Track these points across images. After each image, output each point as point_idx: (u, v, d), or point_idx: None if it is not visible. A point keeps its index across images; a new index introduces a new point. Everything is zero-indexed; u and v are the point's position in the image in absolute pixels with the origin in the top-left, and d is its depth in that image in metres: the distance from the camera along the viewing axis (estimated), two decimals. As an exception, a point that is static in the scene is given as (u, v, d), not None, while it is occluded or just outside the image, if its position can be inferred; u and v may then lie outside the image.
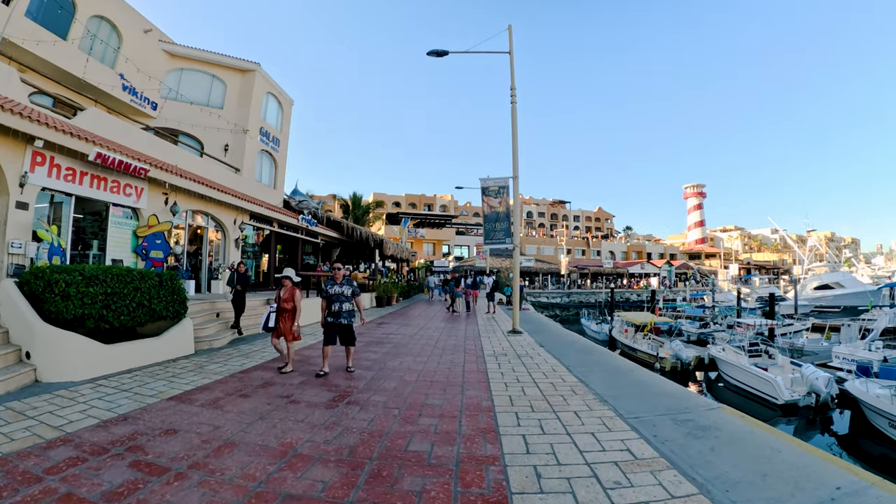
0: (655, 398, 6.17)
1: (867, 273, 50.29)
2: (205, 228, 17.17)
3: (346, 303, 7.70)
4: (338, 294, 7.68)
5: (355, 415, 5.40)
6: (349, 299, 7.74)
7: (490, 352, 9.98)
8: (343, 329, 7.71)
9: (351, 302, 7.77)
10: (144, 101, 19.95)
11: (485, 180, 13.59)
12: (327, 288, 7.76)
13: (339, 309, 7.66)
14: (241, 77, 25.20)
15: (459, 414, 5.46)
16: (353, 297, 7.79)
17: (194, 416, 5.35)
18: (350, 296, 7.75)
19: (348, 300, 7.72)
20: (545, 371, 7.88)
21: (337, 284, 7.73)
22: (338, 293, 7.68)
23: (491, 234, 13.68)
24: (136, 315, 8.40)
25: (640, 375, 7.69)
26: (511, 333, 12.90)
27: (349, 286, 7.76)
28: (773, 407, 14.96)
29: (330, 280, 7.88)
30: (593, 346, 11.52)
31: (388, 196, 76.68)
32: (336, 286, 7.72)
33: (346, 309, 7.70)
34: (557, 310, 47.93)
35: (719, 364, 19.18)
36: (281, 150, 28.75)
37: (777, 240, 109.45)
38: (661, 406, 5.79)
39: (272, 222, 20.73)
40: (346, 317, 7.70)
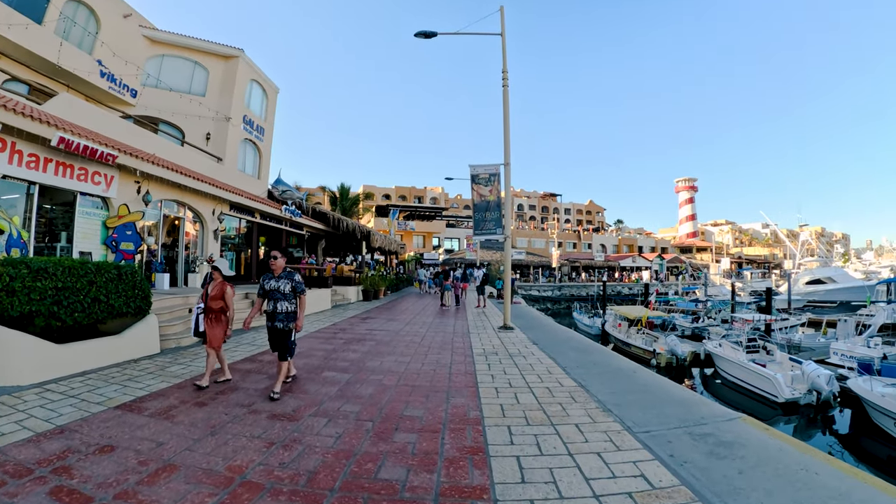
0: (665, 406, 5.47)
1: (859, 268, 50.04)
2: (181, 219, 16.32)
3: (285, 302, 6.19)
4: (273, 290, 6.22)
5: (321, 429, 4.64)
6: (289, 298, 6.22)
7: (479, 350, 9.22)
8: (276, 335, 6.19)
9: (292, 301, 6.24)
10: (123, 88, 19.12)
11: (475, 167, 12.78)
12: (263, 282, 6.33)
13: (274, 309, 6.21)
14: (224, 63, 24.46)
15: (443, 428, 4.70)
16: (294, 296, 6.28)
17: (139, 428, 4.61)
18: (290, 293, 6.22)
19: (287, 299, 6.21)
20: (540, 373, 7.15)
21: (274, 278, 6.29)
22: (273, 289, 6.23)
23: (481, 225, 12.87)
24: (92, 312, 7.59)
25: (645, 378, 6.98)
26: (502, 329, 12.19)
27: (289, 281, 6.23)
28: (773, 405, 14.45)
29: (268, 274, 6.38)
30: (590, 343, 10.78)
31: (377, 188, 75.87)
32: (273, 280, 6.28)
33: (283, 309, 6.19)
34: (549, 303, 47.31)
35: (716, 360, 18.65)
36: (265, 140, 27.96)
37: (768, 234, 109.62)
38: (673, 416, 5.09)
39: (254, 213, 19.89)
40: (284, 319, 6.18)
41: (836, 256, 59.12)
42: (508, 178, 12.30)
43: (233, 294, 6.70)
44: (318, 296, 16.70)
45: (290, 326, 6.15)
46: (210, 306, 6.54)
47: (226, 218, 18.59)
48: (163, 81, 21.47)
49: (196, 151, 20.88)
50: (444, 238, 62.11)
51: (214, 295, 6.56)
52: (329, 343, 9.88)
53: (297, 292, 6.26)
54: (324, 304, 17.16)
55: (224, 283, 6.64)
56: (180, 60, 22.91)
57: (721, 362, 18.07)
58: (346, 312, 16.30)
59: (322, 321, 13.67)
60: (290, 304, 6.20)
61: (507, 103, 12.71)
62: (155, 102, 20.70)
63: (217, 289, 6.59)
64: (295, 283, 6.22)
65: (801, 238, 58.59)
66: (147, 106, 20.32)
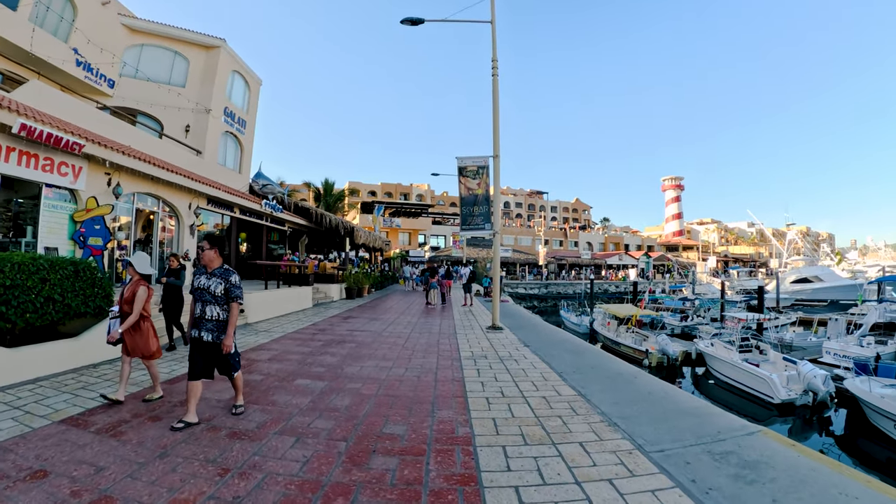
0: (676, 418, 4.90)
1: (846, 267, 50.20)
2: (156, 214, 15.54)
3: (215, 307, 4.75)
4: (202, 289, 4.76)
5: (287, 451, 3.98)
6: (221, 302, 4.78)
7: (468, 353, 8.58)
8: (202, 349, 4.75)
9: (224, 307, 4.81)
10: (100, 78, 18.33)
11: (462, 159, 12.11)
12: (192, 279, 4.94)
13: (202, 314, 4.75)
14: (205, 54, 23.76)
15: (428, 449, 4.06)
16: (226, 300, 4.82)
17: (80, 448, 3.98)
18: (221, 295, 4.77)
19: (219, 303, 4.77)
20: (534, 380, 6.54)
21: (206, 274, 4.84)
22: (203, 287, 4.76)
23: (468, 219, 12.21)
24: (46, 312, 6.89)
25: (648, 384, 6.40)
26: (491, 330, 11.60)
27: (223, 281, 4.78)
28: (768, 406, 14.10)
29: (200, 268, 4.98)
30: (584, 345, 10.21)
31: (363, 185, 75.19)
32: (204, 276, 4.82)
33: (213, 316, 4.74)
34: (535, 301, 46.87)
35: (708, 360, 18.27)
36: (247, 133, 27.19)
37: (753, 233, 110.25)
38: (687, 430, 4.52)
39: (233, 208, 19.07)
40: (213, 329, 4.73)
41: (823, 255, 59.16)
42: (498, 171, 11.69)
43: (147, 297, 5.46)
44: (298, 294, 16.00)
45: (221, 338, 4.77)
46: (125, 310, 5.42)
47: (204, 213, 17.82)
48: (141, 72, 20.77)
49: (175, 144, 20.13)
50: (430, 235, 61.41)
51: (127, 297, 5.40)
52: (306, 345, 9.18)
53: (230, 297, 4.80)
54: (304, 302, 16.47)
55: (138, 283, 5.43)
56: (160, 50, 22.22)
57: (713, 362, 17.68)
58: (327, 311, 15.62)
59: (301, 321, 12.99)
60: (221, 310, 4.80)
61: (497, 93, 12.12)
62: (133, 93, 20.01)
63: (130, 289, 5.43)
64: (230, 284, 4.80)
65: (787, 237, 58.75)
66: (125, 97, 19.62)
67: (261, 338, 9.96)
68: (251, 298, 12.79)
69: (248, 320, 12.40)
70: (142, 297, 5.36)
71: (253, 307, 12.77)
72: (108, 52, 18.34)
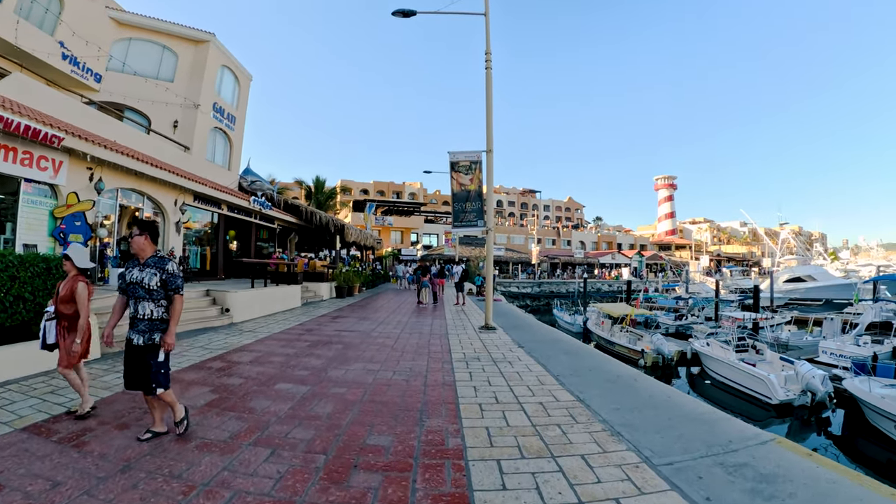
0: (682, 425, 4.57)
1: (838, 267, 50.21)
2: (141, 210, 15.12)
3: (149, 303, 4.04)
4: (135, 284, 4.04)
5: (260, 465, 3.61)
6: (156, 296, 4.06)
7: (459, 355, 8.20)
8: (133, 354, 4.07)
9: (160, 302, 4.08)
10: (87, 72, 17.90)
11: (454, 154, 11.70)
12: (124, 272, 4.16)
13: (134, 313, 4.06)
14: (194, 48, 23.44)
15: (415, 464, 3.68)
16: (162, 293, 4.10)
17: (39, 460, 3.64)
18: (158, 289, 4.05)
19: (154, 298, 4.05)
20: (530, 384, 6.17)
21: (139, 265, 4.11)
22: (135, 281, 4.04)
23: (460, 216, 11.80)
24: (16, 311, 6.54)
25: (649, 388, 6.07)
26: (483, 330, 11.23)
27: (158, 271, 4.07)
28: (766, 407, 13.88)
29: (132, 260, 4.21)
30: (580, 345, 9.86)
31: (355, 183, 74.83)
32: (136, 269, 4.09)
33: (145, 314, 4.03)
34: (528, 300, 46.52)
35: (704, 359, 18.03)
36: (237, 129, 26.78)
37: (746, 233, 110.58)
38: (697, 439, 4.19)
39: (221, 204, 18.65)
40: (146, 330, 4.02)
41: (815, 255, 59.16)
42: (491, 167, 11.32)
43: (88, 293, 4.76)
44: (286, 293, 15.59)
45: (153, 340, 4.03)
46: (60, 310, 4.71)
47: (190, 210, 17.41)
48: (129, 66, 20.38)
49: (162, 140, 19.81)
50: (422, 234, 61.02)
51: (64, 295, 4.70)
52: (291, 346, 8.78)
53: (168, 289, 4.11)
54: (293, 301, 16.06)
55: (77, 279, 4.72)
56: (148, 44, 21.85)
57: (709, 362, 17.44)
58: (316, 311, 15.23)
59: (288, 320, 12.59)
60: (156, 306, 4.07)
61: (490, 87, 11.80)
62: (120, 88, 19.62)
63: (67, 286, 4.72)
64: (167, 274, 4.08)
65: (781, 236, 58.73)
66: (112, 91, 19.22)
67: (245, 338, 9.57)
68: (236, 298, 12.40)
69: (234, 320, 12.02)
70: (83, 294, 4.67)
71: (238, 307, 12.38)
72: (95, 45, 17.93)
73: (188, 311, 11.29)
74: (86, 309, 4.72)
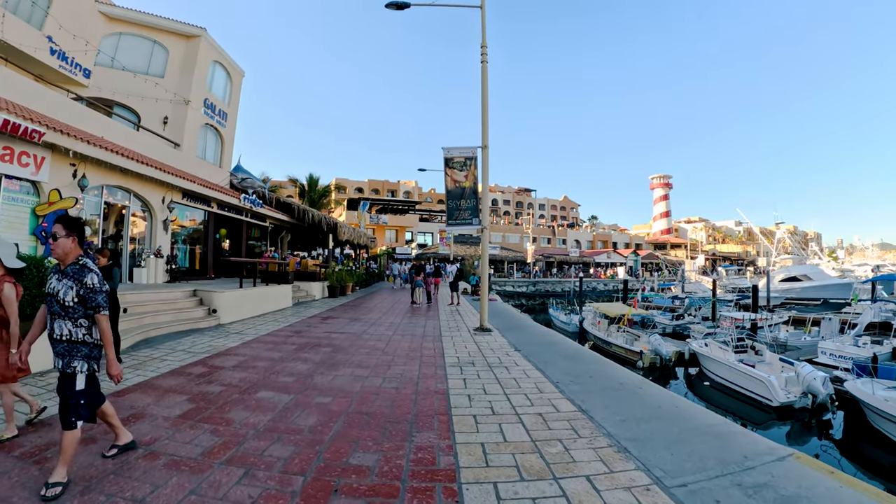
0: (693, 439, 4.22)
1: (835, 266, 50.11)
2: (127, 208, 14.70)
3: (65, 321, 3.37)
4: (50, 296, 3.40)
5: (230, 489, 3.24)
6: (73, 314, 3.37)
7: (453, 359, 7.80)
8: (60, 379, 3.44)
9: (78, 321, 3.38)
10: (76, 67, 17.53)
11: (449, 150, 11.29)
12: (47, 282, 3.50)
13: (51, 331, 3.42)
14: (185, 43, 23.07)
15: (402, 488, 3.30)
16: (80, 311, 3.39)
17: None
18: (73, 304, 3.35)
19: (70, 315, 3.36)
20: (528, 392, 5.80)
21: (58, 272, 3.44)
22: (51, 293, 3.39)
23: (455, 214, 11.41)
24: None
25: (656, 396, 5.72)
26: (479, 331, 10.88)
27: (74, 283, 3.35)
28: (766, 409, 13.56)
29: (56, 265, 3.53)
30: (580, 349, 9.49)
31: (350, 182, 74.35)
32: (55, 277, 3.44)
33: (61, 334, 3.37)
34: (523, 299, 46.21)
35: (702, 360, 17.73)
36: (228, 126, 26.36)
37: (741, 232, 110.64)
38: (710, 456, 3.84)
39: (210, 202, 18.24)
40: (63, 353, 3.37)
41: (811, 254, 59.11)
42: (486, 163, 10.95)
43: (16, 295, 4.15)
44: (276, 293, 15.20)
45: (73, 368, 3.34)
46: None
47: (179, 208, 17.01)
48: (118, 61, 19.99)
49: (152, 136, 19.44)
50: (417, 232, 60.61)
51: None
52: (277, 350, 8.39)
53: (88, 306, 3.39)
54: (283, 301, 15.67)
55: (2, 280, 4.06)
56: (139, 39, 21.49)
57: (708, 363, 17.15)
58: (307, 311, 14.85)
59: (278, 321, 12.21)
60: (74, 325, 3.37)
61: (486, 81, 11.43)
62: (109, 83, 19.26)
63: None
64: (85, 289, 3.35)
65: (777, 235, 58.62)
66: (101, 87, 18.85)
67: (230, 341, 9.19)
68: (224, 298, 12.02)
69: (221, 321, 11.63)
70: (10, 297, 4.05)
71: (226, 307, 11.99)
72: (83, 40, 17.54)
73: (172, 313, 10.91)
74: (15, 315, 4.06)
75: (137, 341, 8.93)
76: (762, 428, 12.88)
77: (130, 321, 9.65)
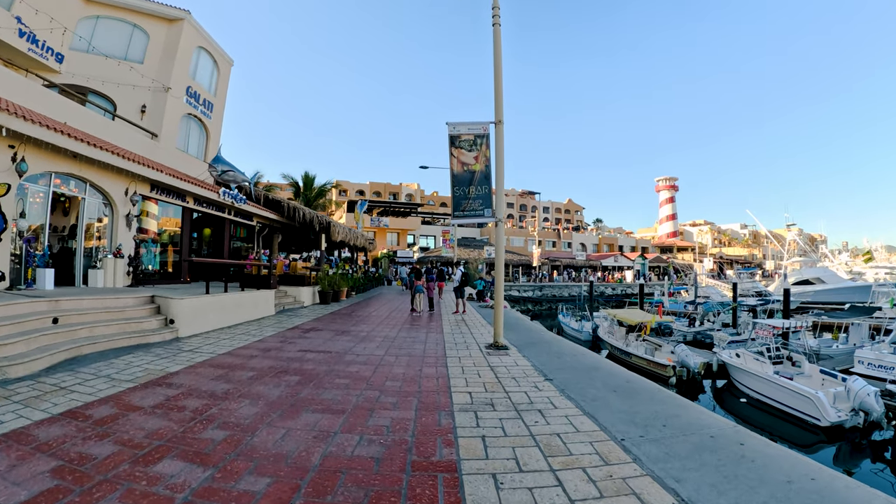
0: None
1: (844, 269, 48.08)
2: (83, 200, 12.74)
3: None
4: None
5: None
6: None
7: (464, 398, 5.57)
8: None
9: None
10: (47, 51, 15.94)
11: (455, 125, 9.07)
12: None
13: None
14: (167, 27, 21.38)
15: None
16: None
17: None
18: None
19: None
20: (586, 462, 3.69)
21: None
22: None
23: (462, 203, 9.03)
24: None
25: (776, 462, 3.68)
26: (492, 350, 8.80)
27: None
28: (813, 430, 11.76)
29: None
30: (629, 375, 7.12)
31: (351, 184, 72.79)
32: None
33: None
34: (530, 304, 44.04)
35: (733, 372, 15.85)
36: (214, 117, 24.50)
37: (746, 235, 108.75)
38: None
39: (185, 197, 16.17)
40: None
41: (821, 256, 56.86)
42: (501, 141, 8.83)
43: None
44: (254, 299, 13.17)
45: None
46: None
47: (149, 203, 15.02)
48: (95, 46, 18.35)
49: (128, 126, 17.77)
50: (419, 235, 58.85)
51: None
52: (227, 379, 6.28)
53: None
54: (264, 309, 13.64)
55: None
56: (117, 23, 19.87)
57: (740, 375, 15.28)
58: (290, 320, 12.83)
59: (250, 334, 10.17)
60: None
61: (500, 45, 9.44)
62: (84, 69, 17.66)
63: None
64: None
65: (788, 238, 56.64)
66: (75, 73, 17.28)
67: (176, 363, 7.16)
68: (183, 306, 10.01)
69: (180, 334, 9.65)
70: None
71: (186, 317, 9.99)
72: (57, 23, 15.97)
73: (117, 324, 8.93)
74: None
75: (60, 361, 7.00)
76: (810, 451, 11.04)
77: (60, 334, 7.71)
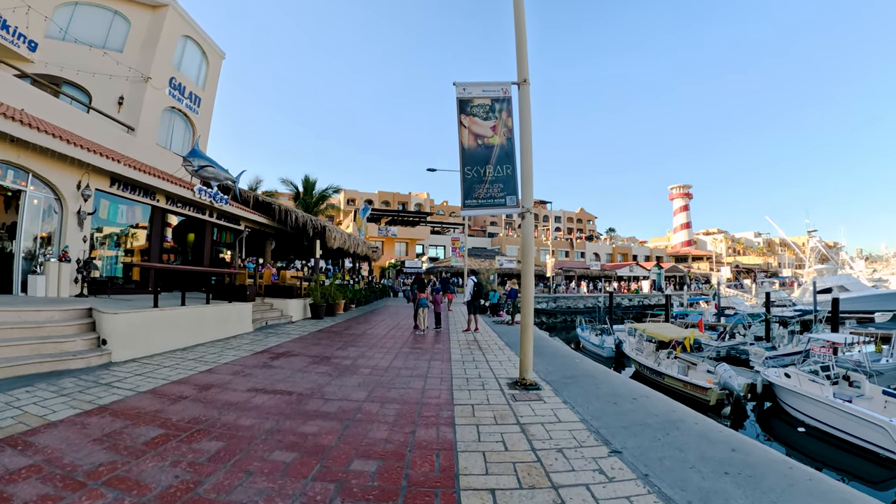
0: None
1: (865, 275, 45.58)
2: (23, 192, 10.74)
3: None
4: None
5: None
6: None
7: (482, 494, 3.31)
8: None
9: None
10: (19, 38, 14.39)
11: (465, 86, 6.67)
12: None
13: None
14: (150, 14, 19.77)
15: None
16: None
17: None
18: None
19: None
20: None
21: None
22: None
23: (476, 189, 6.66)
24: None
25: None
26: (518, 390, 6.38)
27: None
28: (884, 463, 9.84)
29: None
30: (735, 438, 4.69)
31: (359, 193, 71.27)
32: None
33: None
34: (544, 316, 41.59)
35: (782, 395, 13.76)
36: (202, 113, 22.59)
37: (760, 243, 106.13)
38: None
39: (154, 194, 14.08)
40: None
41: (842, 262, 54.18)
42: (528, 107, 6.59)
43: None
44: (224, 314, 10.97)
45: None
46: None
47: (110, 200, 13.00)
48: (71, 34, 16.93)
49: (102, 119, 16.27)
50: (428, 245, 56.84)
51: None
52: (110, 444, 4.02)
53: None
54: (237, 325, 11.46)
55: None
56: (97, 9, 18.42)
57: (792, 399, 13.19)
58: (266, 340, 10.64)
59: (203, 360, 7.97)
60: None
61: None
62: (58, 58, 16.21)
63: None
64: None
65: (810, 245, 54.08)
66: (48, 63, 15.84)
67: (71, 406, 4.97)
68: (118, 322, 7.86)
69: (113, 358, 7.52)
70: None
71: (123, 336, 7.83)
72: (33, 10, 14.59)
73: (29, 344, 6.81)
74: None
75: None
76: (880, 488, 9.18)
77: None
